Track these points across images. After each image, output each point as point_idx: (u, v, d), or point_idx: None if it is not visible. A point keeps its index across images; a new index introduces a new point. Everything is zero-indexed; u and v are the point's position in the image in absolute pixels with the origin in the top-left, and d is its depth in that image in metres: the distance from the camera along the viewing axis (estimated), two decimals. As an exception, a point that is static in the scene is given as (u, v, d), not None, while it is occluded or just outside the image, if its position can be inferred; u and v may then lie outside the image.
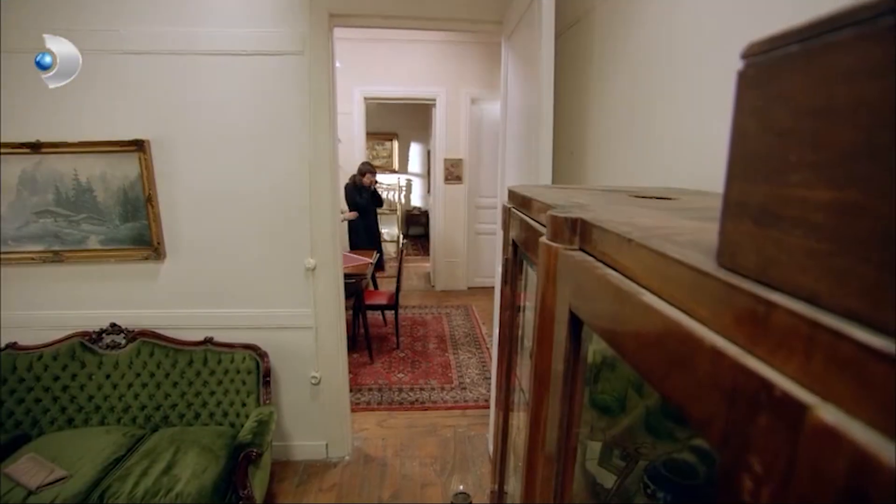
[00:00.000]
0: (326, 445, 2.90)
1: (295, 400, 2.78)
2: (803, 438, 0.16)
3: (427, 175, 8.60)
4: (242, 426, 2.40)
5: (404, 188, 8.98)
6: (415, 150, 9.49)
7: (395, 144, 9.50)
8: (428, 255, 6.86)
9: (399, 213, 8.59)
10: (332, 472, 2.83)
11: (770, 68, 0.21)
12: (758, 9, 0.94)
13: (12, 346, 2.52)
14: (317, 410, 2.83)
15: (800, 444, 0.16)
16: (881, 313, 0.16)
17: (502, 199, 2.51)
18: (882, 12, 0.15)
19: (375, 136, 8.78)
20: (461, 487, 1.26)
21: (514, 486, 1.25)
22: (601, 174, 1.62)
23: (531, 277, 0.75)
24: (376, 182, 5.34)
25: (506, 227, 0.82)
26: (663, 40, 1.24)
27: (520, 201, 0.74)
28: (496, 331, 2.58)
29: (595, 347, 0.75)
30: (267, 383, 2.52)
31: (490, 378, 3.61)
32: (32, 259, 2.54)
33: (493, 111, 5.72)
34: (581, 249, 0.42)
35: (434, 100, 5.74)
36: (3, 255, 2.51)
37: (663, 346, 0.25)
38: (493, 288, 3.16)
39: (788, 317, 0.18)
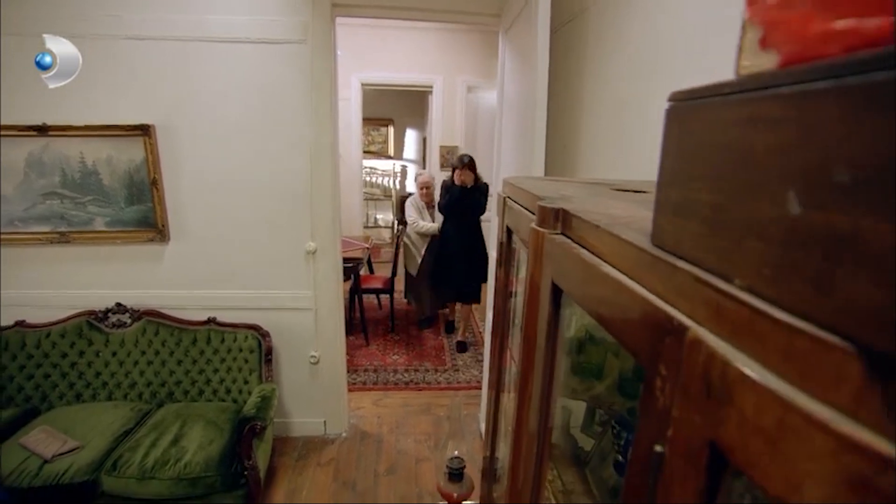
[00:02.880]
0: (324, 422, 3.02)
1: (295, 378, 2.89)
2: (685, 347, 0.26)
3: (422, 161, 8.63)
4: (245, 402, 2.50)
5: (399, 174, 9.02)
6: (410, 136, 9.51)
7: (391, 130, 9.52)
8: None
9: (394, 198, 8.66)
10: (329, 448, 2.95)
11: (681, 111, 0.31)
12: (733, 14, 1.03)
13: (20, 323, 2.60)
14: (315, 389, 2.94)
15: (683, 351, 0.26)
16: (730, 270, 0.26)
17: (498, 188, 2.60)
18: (734, 91, 0.25)
19: (371, 121, 8.77)
20: (455, 453, 1.37)
21: (503, 451, 1.37)
22: (591, 166, 1.72)
23: (522, 258, 0.85)
24: (476, 180, 3.77)
25: (501, 213, 0.92)
26: (650, 42, 1.33)
27: (514, 192, 0.84)
28: (489, 314, 2.69)
29: (579, 324, 0.86)
30: (269, 361, 2.62)
31: (482, 360, 3.73)
32: (39, 240, 2.61)
33: (488, 99, 5.77)
34: (563, 233, 0.52)
35: (431, 87, 5.78)
36: (11, 236, 2.58)
37: (614, 301, 0.35)
38: None
39: (684, 275, 0.28)
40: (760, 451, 0.21)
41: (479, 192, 3.79)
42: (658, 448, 0.29)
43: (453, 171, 3.78)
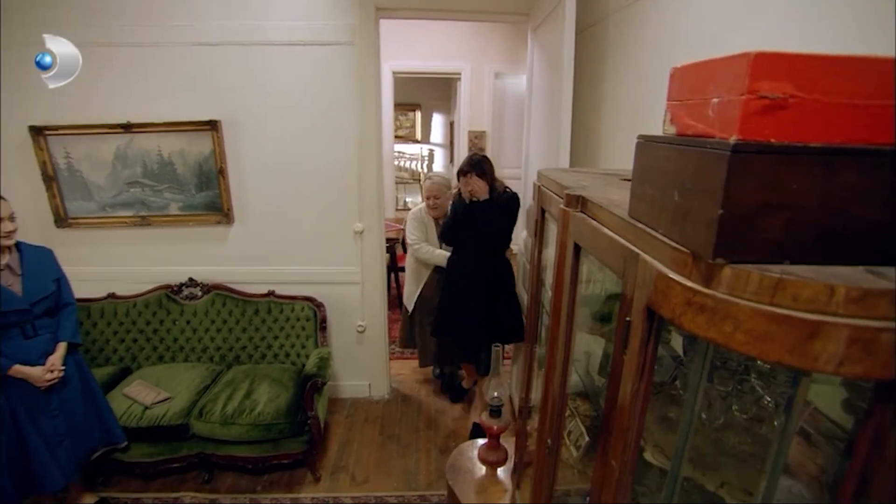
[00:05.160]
0: (369, 385, 3.38)
1: (343, 345, 3.24)
2: (639, 267, 0.54)
3: (450, 145, 8.87)
4: (303, 365, 2.86)
5: (426, 158, 9.29)
6: (437, 120, 9.73)
7: (418, 115, 9.76)
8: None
9: (422, 181, 8.95)
10: (374, 407, 3.31)
11: (642, 145, 0.58)
12: (731, 29, 1.27)
13: (111, 295, 3.00)
14: (361, 355, 3.29)
15: (638, 270, 0.55)
16: (657, 226, 0.53)
17: (527, 174, 2.86)
18: (659, 142, 0.53)
19: (399, 106, 9.01)
20: (496, 394, 1.67)
21: (535, 393, 1.66)
22: (612, 155, 1.97)
23: (551, 230, 1.13)
24: (493, 191, 2.57)
25: (535, 198, 1.20)
26: (659, 51, 1.57)
27: (546, 182, 1.11)
28: (520, 285, 2.97)
29: (599, 284, 1.13)
30: (324, 329, 2.97)
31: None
32: (125, 223, 3.00)
33: (515, 85, 5.96)
34: (581, 211, 0.80)
35: (459, 74, 6.00)
36: (102, 220, 2.97)
37: (608, 249, 0.64)
38: (513, 255, 3.43)
39: (640, 231, 0.56)
40: (662, 300, 0.49)
41: (496, 207, 2.56)
42: (627, 318, 0.57)
43: (458, 179, 2.61)
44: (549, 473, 1.04)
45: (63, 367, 2.08)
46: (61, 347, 2.10)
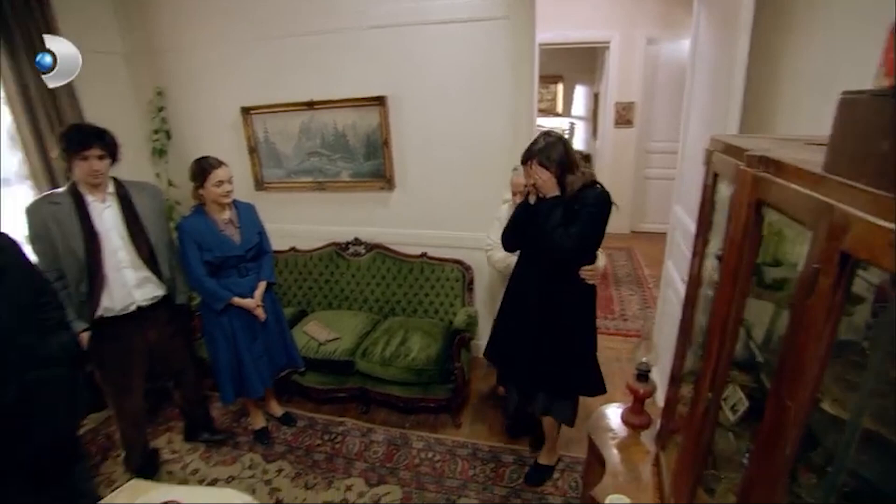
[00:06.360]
0: (507, 348, 3.54)
1: (487, 308, 3.43)
2: (834, 216, 0.58)
3: (593, 118, 8.55)
4: (451, 321, 3.12)
5: (568, 132, 9.07)
6: (579, 92, 9.41)
7: (560, 87, 9.53)
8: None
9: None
10: (511, 369, 3.47)
11: (845, 102, 0.60)
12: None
13: (293, 249, 3.54)
14: (501, 319, 3.46)
15: (833, 219, 0.58)
16: (859, 178, 0.57)
17: (685, 144, 2.73)
18: (869, 95, 0.55)
19: (541, 79, 8.88)
20: (644, 359, 1.71)
21: (690, 360, 1.66)
22: (793, 121, 1.81)
23: (721, 194, 1.15)
24: (566, 186, 1.98)
25: (707, 162, 1.21)
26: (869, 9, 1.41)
27: (721, 147, 1.12)
28: (667, 263, 2.88)
29: (771, 254, 1.12)
30: (471, 290, 3.20)
31: (651, 310, 3.91)
32: (305, 187, 3.49)
33: (670, 51, 5.55)
34: (764, 171, 0.82)
35: (608, 43, 5.74)
36: (288, 184, 3.49)
37: (797, 203, 0.67)
38: (658, 234, 3.33)
39: (836, 182, 0.59)
40: (859, 245, 0.53)
41: (568, 208, 1.97)
42: (815, 265, 0.61)
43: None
44: (709, 427, 1.08)
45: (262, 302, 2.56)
46: (262, 285, 2.58)
